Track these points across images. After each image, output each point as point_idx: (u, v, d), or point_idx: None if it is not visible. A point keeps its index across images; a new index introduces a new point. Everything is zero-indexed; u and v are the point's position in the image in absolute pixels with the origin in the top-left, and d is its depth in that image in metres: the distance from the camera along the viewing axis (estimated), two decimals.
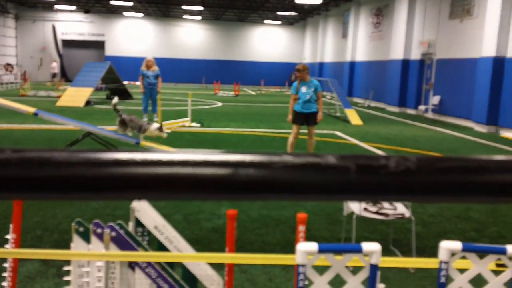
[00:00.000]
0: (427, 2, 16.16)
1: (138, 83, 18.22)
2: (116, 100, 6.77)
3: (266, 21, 32.43)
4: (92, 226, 2.37)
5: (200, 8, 27.44)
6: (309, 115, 6.85)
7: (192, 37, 32.77)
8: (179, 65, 32.20)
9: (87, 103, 14.95)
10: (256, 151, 0.40)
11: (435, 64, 15.67)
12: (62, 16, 30.86)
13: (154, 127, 6.60)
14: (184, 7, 27.21)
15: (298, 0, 22.33)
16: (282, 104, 17.79)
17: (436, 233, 4.25)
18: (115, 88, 17.77)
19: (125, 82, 18.87)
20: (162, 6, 27.77)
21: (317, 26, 30.02)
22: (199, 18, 32.03)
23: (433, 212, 4.87)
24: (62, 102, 14.69)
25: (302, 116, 6.84)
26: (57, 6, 29.22)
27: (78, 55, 31.28)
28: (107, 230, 2.34)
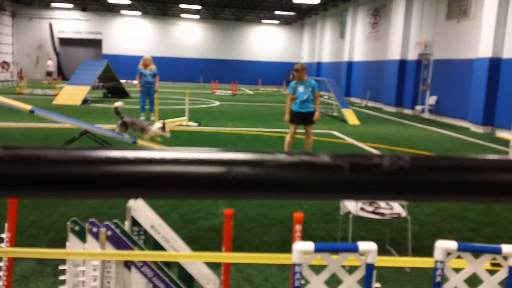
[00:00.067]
0: (424, 3, 16.19)
1: (135, 81, 18.20)
2: (119, 104, 6.82)
3: (264, 20, 32.42)
4: (87, 225, 2.36)
5: (198, 7, 27.40)
6: (306, 115, 6.86)
7: (189, 36, 32.71)
8: (177, 64, 32.15)
9: (84, 101, 14.91)
10: (249, 149, 0.39)
11: (432, 65, 15.71)
12: (59, 14, 30.75)
13: (156, 127, 6.64)
14: (182, 5, 27.17)
15: (296, 0, 22.33)
16: (280, 104, 17.79)
17: (432, 232, 4.26)
18: (112, 86, 17.72)
19: (122, 81, 18.81)
20: (160, 4, 27.72)
21: (315, 26, 30.04)
22: (197, 17, 31.98)
23: (429, 211, 4.88)
24: (59, 101, 14.66)
25: (299, 115, 6.85)
26: (54, 4, 29.11)
27: (75, 53, 31.18)
28: (103, 229, 2.33)
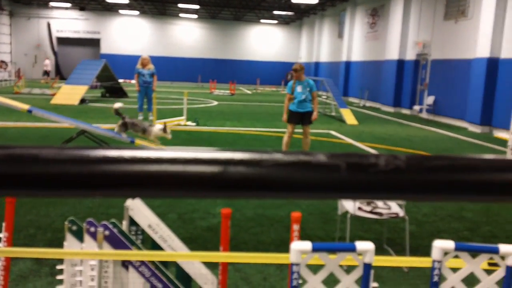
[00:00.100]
0: (422, 3, 16.22)
1: (133, 81, 18.16)
2: (119, 105, 6.85)
3: (262, 20, 32.42)
4: (85, 224, 2.35)
5: (196, 7, 27.38)
6: (304, 115, 6.86)
7: (188, 35, 32.68)
8: (175, 63, 32.12)
9: (82, 101, 14.89)
10: (246, 149, 0.39)
11: (430, 65, 15.73)
12: (57, 13, 30.68)
13: (158, 128, 6.65)
14: (180, 5, 27.14)
15: (295, 0, 22.33)
16: (278, 103, 17.79)
17: (429, 232, 4.27)
18: (110, 86, 17.70)
19: (120, 80, 18.80)
20: (158, 4, 27.69)
21: (313, 26, 30.05)
22: (195, 16, 31.96)
23: (426, 211, 4.89)
24: (56, 100, 14.63)
25: (297, 115, 6.86)
26: (52, 3, 29.05)
27: (73, 53, 31.12)
28: (100, 229, 2.33)
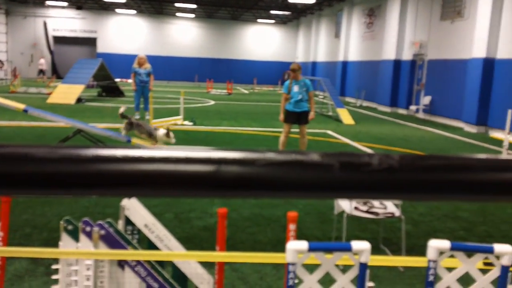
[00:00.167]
0: (419, 3, 16.25)
1: (130, 80, 18.12)
2: (124, 109, 6.96)
3: (259, 19, 32.41)
4: (81, 224, 2.35)
5: (193, 6, 27.34)
6: (300, 114, 6.87)
7: (185, 35, 32.63)
8: (172, 63, 32.06)
9: (78, 100, 14.85)
10: (239, 148, 0.39)
11: (426, 65, 15.78)
12: (53, 12, 30.56)
13: (162, 133, 6.65)
14: (177, 4, 27.09)
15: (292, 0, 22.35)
16: (275, 103, 17.79)
17: (425, 232, 4.28)
18: (106, 85, 17.65)
19: (117, 80, 18.74)
20: (155, 3, 27.63)
21: (310, 26, 30.07)
22: (192, 16, 31.91)
23: (422, 211, 4.91)
24: (53, 99, 14.58)
25: (293, 115, 6.86)
26: (48, 2, 28.93)
27: (69, 52, 31.00)
28: (96, 228, 2.32)
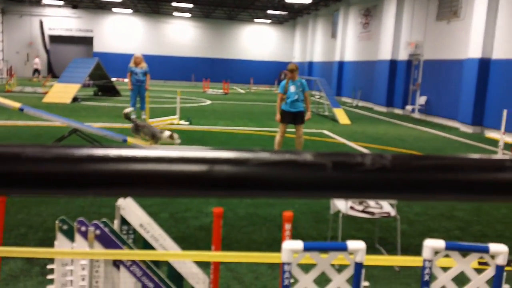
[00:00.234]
0: (415, 4, 16.30)
1: (126, 80, 18.08)
2: (129, 110, 6.99)
3: (256, 19, 32.41)
4: (76, 224, 2.34)
5: (190, 6, 27.30)
6: (296, 114, 6.88)
7: (181, 34, 32.58)
8: (168, 62, 32.00)
9: (74, 99, 14.79)
10: (232, 147, 0.39)
11: (422, 65, 15.83)
12: (49, 11, 30.43)
13: (166, 135, 6.65)
14: (173, 4, 27.05)
15: None
16: (271, 103, 17.80)
17: (421, 231, 4.29)
18: (103, 84, 17.61)
19: (113, 79, 18.69)
20: (152, 2, 27.57)
21: (306, 26, 30.10)
22: (189, 15, 31.87)
23: (418, 210, 4.92)
24: (48, 98, 14.52)
25: (289, 115, 6.87)
26: (44, 1, 28.80)
27: (65, 51, 30.89)
28: (91, 228, 2.31)
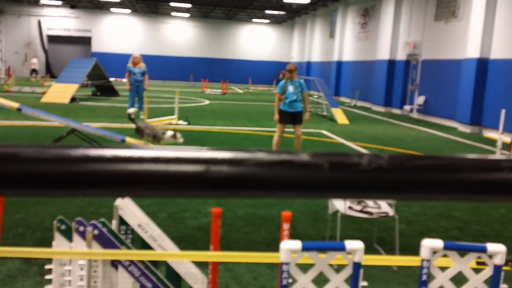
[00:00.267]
0: (413, 4, 16.32)
1: (124, 80, 18.06)
2: (132, 110, 7.02)
3: (254, 19, 32.40)
4: (74, 224, 2.34)
5: (188, 6, 27.28)
6: (294, 115, 6.88)
7: (180, 34, 32.56)
8: (167, 62, 31.97)
9: (72, 99, 14.77)
10: (229, 148, 0.39)
11: (421, 65, 15.85)
12: (48, 11, 30.37)
13: (169, 135, 6.64)
14: (172, 4, 27.02)
15: None
16: (270, 103, 17.80)
17: (419, 231, 4.30)
18: (101, 84, 17.58)
19: (111, 79, 18.67)
20: (150, 2, 27.54)
21: (305, 26, 30.11)
22: (187, 15, 31.85)
23: (416, 210, 4.93)
24: (47, 98, 14.50)
25: (288, 115, 6.87)
26: (42, 1, 28.74)
27: (63, 51, 30.83)
28: (89, 228, 2.31)
